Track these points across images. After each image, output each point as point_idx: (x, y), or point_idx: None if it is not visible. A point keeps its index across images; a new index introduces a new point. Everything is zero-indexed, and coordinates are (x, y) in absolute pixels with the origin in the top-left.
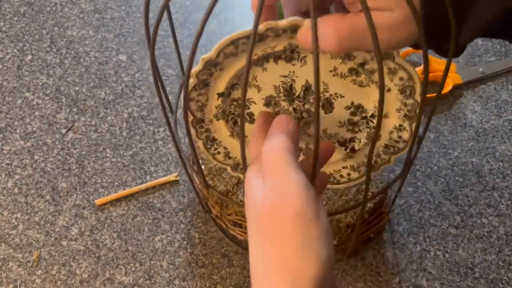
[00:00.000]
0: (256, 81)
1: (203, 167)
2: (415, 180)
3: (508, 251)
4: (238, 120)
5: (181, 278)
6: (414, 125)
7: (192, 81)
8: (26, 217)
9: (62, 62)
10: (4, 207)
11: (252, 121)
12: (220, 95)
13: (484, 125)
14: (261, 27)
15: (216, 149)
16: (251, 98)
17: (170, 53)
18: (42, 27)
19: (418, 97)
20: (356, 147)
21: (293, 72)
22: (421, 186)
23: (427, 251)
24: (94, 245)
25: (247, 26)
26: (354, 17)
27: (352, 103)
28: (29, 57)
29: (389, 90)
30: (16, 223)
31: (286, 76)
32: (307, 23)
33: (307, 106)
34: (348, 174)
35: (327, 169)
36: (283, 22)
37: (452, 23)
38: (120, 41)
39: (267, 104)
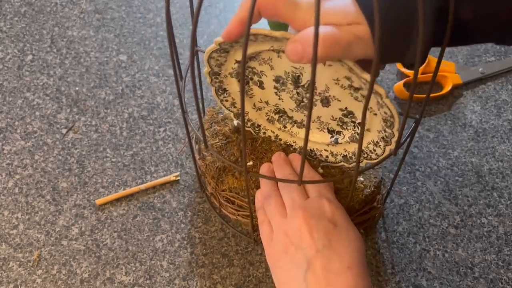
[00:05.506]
0: (271, 61)
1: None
2: (414, 180)
3: (507, 250)
4: (250, 81)
5: (182, 278)
6: (388, 147)
7: (214, 46)
8: (27, 217)
9: (63, 62)
10: (4, 207)
11: (262, 87)
12: (238, 62)
13: (484, 125)
14: (266, 32)
15: (225, 97)
16: (264, 71)
17: None
18: (42, 27)
19: (396, 131)
20: (340, 141)
21: (303, 67)
22: (420, 186)
23: (427, 251)
24: (94, 245)
25: None
26: (336, 29)
27: (346, 108)
28: (30, 57)
29: (375, 114)
30: (16, 223)
31: (297, 68)
32: (292, 37)
33: (308, 95)
34: (326, 156)
35: (312, 145)
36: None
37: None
38: (121, 41)
39: (276, 81)
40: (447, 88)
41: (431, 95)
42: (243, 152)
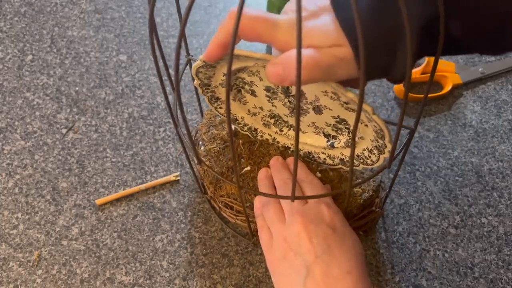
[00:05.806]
0: (259, 73)
1: (202, 148)
2: (414, 180)
3: (507, 250)
4: (242, 89)
5: (181, 278)
6: (382, 156)
7: (199, 62)
8: (27, 217)
9: (63, 62)
10: (4, 207)
11: (254, 95)
12: (226, 74)
13: (484, 125)
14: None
15: (219, 105)
16: (253, 81)
17: (170, 53)
18: (42, 27)
19: (387, 143)
20: (336, 145)
21: None
22: (420, 186)
23: (427, 251)
24: (94, 245)
25: None
26: (317, 52)
27: (338, 116)
28: (30, 57)
29: (366, 125)
30: (16, 223)
31: None
32: (273, 59)
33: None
34: (324, 159)
35: (310, 148)
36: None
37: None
38: (121, 41)
39: (267, 90)
40: (447, 88)
41: (431, 95)
42: (235, 171)
